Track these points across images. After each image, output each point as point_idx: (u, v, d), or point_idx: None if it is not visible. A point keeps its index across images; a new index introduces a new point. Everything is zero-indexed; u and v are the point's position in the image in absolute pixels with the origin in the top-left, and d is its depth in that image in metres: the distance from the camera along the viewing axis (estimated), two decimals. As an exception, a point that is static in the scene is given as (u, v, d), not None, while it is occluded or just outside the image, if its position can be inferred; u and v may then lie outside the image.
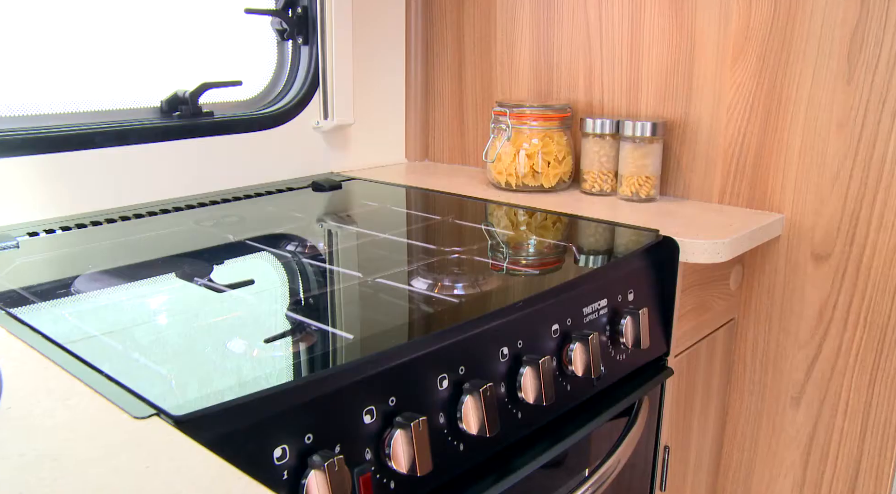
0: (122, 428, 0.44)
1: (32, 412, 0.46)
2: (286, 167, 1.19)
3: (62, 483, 0.38)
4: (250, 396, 0.49)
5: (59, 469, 0.39)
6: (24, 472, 0.39)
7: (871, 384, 0.96)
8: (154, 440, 0.43)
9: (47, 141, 0.93)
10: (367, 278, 0.74)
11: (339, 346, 0.58)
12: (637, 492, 0.92)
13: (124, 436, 0.43)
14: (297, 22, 1.18)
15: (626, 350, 0.81)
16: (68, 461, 0.40)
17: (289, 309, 0.66)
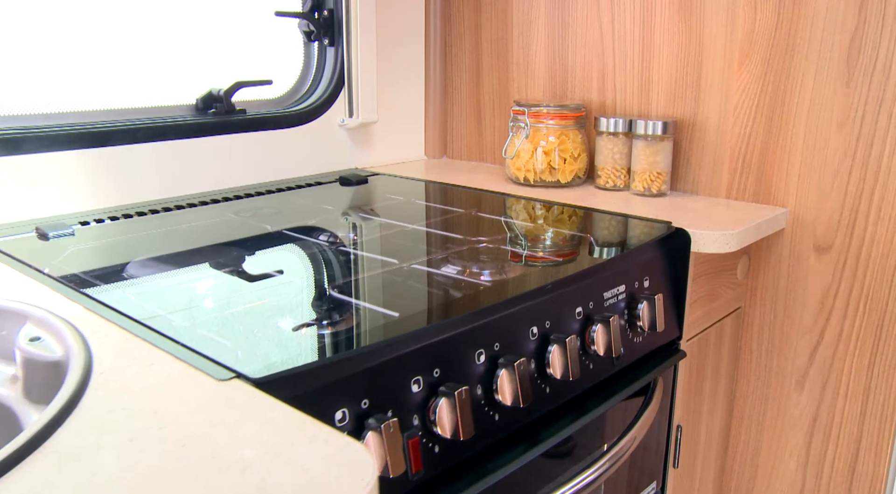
0: (206, 388, 0.49)
1: (124, 376, 0.51)
2: (313, 163, 1.25)
3: (168, 430, 0.44)
4: (315, 363, 0.54)
5: (160, 420, 0.45)
6: (131, 421, 0.45)
7: (870, 367, 1.01)
8: (238, 397, 0.48)
9: (95, 136, 0.98)
10: (402, 265, 0.80)
11: (387, 323, 0.63)
12: (651, 469, 0.97)
13: (210, 394, 0.49)
14: (323, 24, 1.24)
15: (642, 333, 0.87)
16: (167, 413, 0.46)
17: (335, 291, 0.71)
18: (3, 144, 0.90)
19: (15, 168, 0.92)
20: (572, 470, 0.82)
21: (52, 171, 0.95)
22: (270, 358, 0.55)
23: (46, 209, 0.95)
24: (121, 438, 0.43)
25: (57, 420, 0.45)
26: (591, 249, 0.86)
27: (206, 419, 0.45)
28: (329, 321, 0.64)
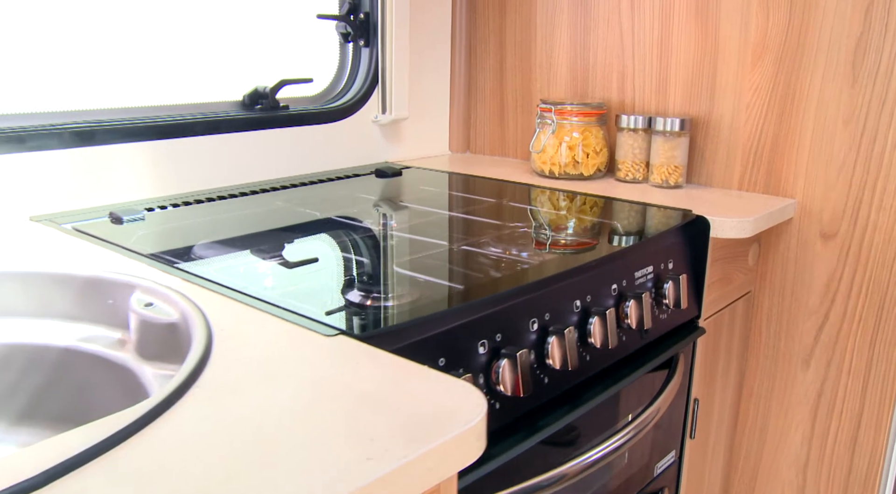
0: (317, 342, 0.57)
1: (242, 333, 0.59)
2: (348, 156, 1.32)
3: (297, 372, 0.52)
4: (404, 324, 0.62)
5: (287, 365, 0.53)
6: (262, 366, 0.53)
7: (871, 345, 1.10)
8: (348, 348, 0.56)
9: (159, 129, 1.06)
10: (452, 246, 0.88)
11: (453, 293, 0.71)
12: (671, 439, 1.06)
13: (323, 346, 0.56)
14: (359, 26, 1.31)
15: (667, 310, 0.95)
16: (291, 360, 0.54)
17: (398, 267, 0.79)
18: (78, 136, 0.98)
19: (89, 158, 0.99)
20: (605, 434, 0.90)
21: (121, 161, 1.02)
22: (355, 321, 0.63)
23: (116, 196, 1.02)
24: (258, 378, 0.51)
25: (198, 367, 0.52)
26: (621, 233, 0.94)
27: (327, 365, 0.53)
28: (396, 293, 0.71)
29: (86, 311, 0.73)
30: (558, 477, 0.80)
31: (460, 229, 0.96)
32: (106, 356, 0.68)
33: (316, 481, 0.39)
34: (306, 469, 0.40)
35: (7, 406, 0.72)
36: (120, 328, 0.71)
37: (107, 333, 0.71)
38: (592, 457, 0.83)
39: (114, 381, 0.67)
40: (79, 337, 0.71)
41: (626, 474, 0.97)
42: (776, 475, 1.23)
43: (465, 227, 0.97)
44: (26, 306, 0.73)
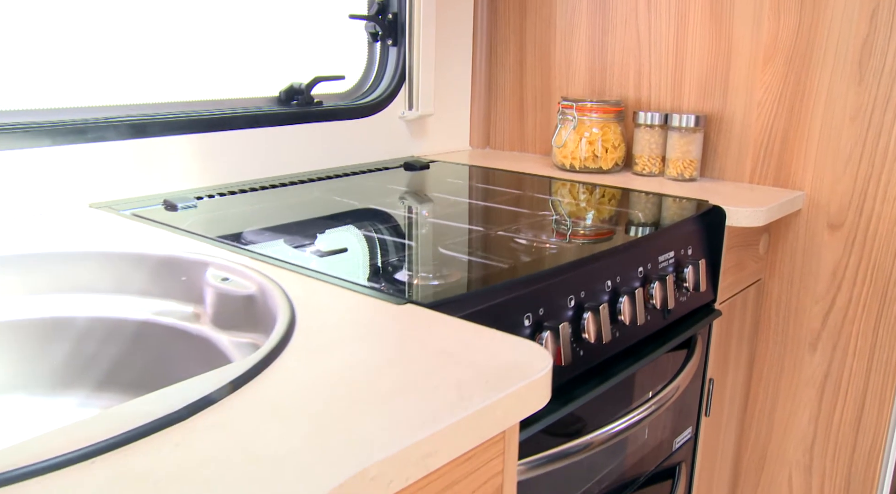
0: (390, 310, 0.64)
1: (320, 303, 0.65)
2: (377, 151, 1.39)
3: (378, 333, 0.58)
4: (461, 296, 0.69)
5: (368, 328, 0.59)
6: (345, 329, 0.59)
7: (875, 330, 1.17)
8: (420, 315, 0.62)
9: (203, 122, 1.12)
10: (489, 231, 0.94)
11: (497, 271, 0.78)
12: (688, 415, 1.12)
13: (397, 313, 0.63)
14: (388, 26, 1.38)
15: (687, 293, 1.02)
16: (370, 324, 0.60)
17: (443, 249, 0.86)
18: (133, 128, 1.04)
19: (143, 149, 1.05)
20: (629, 408, 0.96)
21: (171, 152, 1.08)
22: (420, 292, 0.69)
23: (167, 185, 1.09)
24: (343, 338, 0.57)
25: (289, 330, 0.59)
26: (644, 221, 1.00)
27: (404, 328, 0.59)
28: (441, 273, 0.78)
29: (160, 287, 0.79)
30: (585, 445, 0.86)
31: (491, 217, 1.02)
32: (182, 328, 0.75)
33: (414, 419, 0.45)
34: (404, 409, 0.46)
35: (89, 374, 0.78)
36: (193, 303, 0.77)
37: (180, 307, 0.77)
38: (617, 428, 0.89)
39: (190, 349, 0.74)
40: (154, 311, 0.77)
41: (649, 446, 1.04)
42: (784, 453, 1.30)
43: (496, 215, 1.03)
44: (105, 284, 0.79)
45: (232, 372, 0.50)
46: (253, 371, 0.50)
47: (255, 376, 0.50)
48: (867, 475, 1.21)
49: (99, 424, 0.43)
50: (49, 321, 0.77)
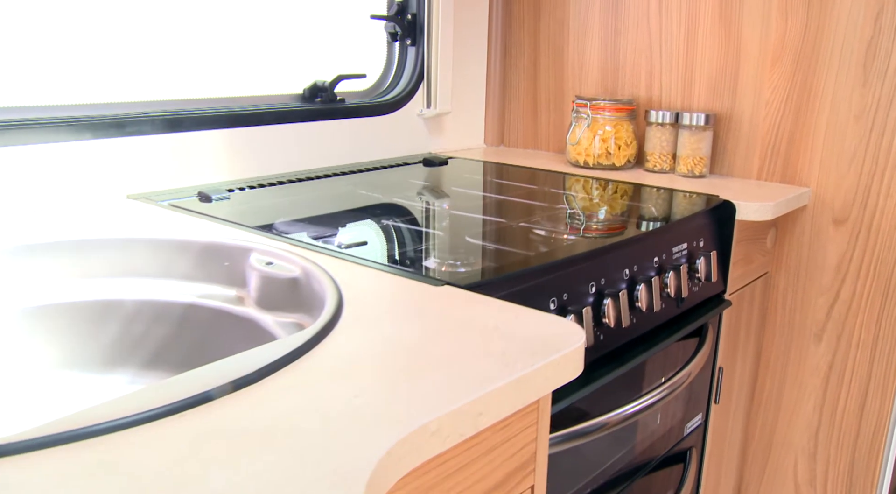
0: (428, 291, 0.68)
1: (361, 283, 0.70)
2: (396, 147, 1.43)
3: (421, 309, 0.62)
4: (494, 279, 0.73)
5: (410, 305, 0.63)
6: (388, 306, 0.63)
7: (878, 321, 1.21)
8: (458, 295, 0.67)
9: (232, 118, 1.16)
10: (511, 223, 0.98)
11: (524, 258, 0.82)
12: (699, 402, 1.17)
13: (435, 294, 0.67)
14: (407, 26, 1.42)
15: (699, 283, 1.06)
16: (410, 302, 0.64)
17: (469, 237, 0.90)
18: (168, 122, 1.08)
19: (177, 143, 1.09)
20: (643, 391, 1.01)
21: (203, 146, 1.13)
22: (455, 276, 0.74)
23: (199, 178, 1.13)
24: (390, 314, 0.61)
25: (338, 307, 0.63)
26: (658, 214, 1.05)
27: (445, 306, 0.64)
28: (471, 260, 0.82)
29: (203, 272, 0.83)
30: (601, 425, 0.90)
31: (510, 210, 1.07)
32: (227, 309, 0.79)
33: (466, 382, 0.49)
34: (456, 373, 0.51)
35: (137, 354, 0.82)
36: (236, 287, 0.81)
37: (224, 291, 0.82)
38: (633, 409, 0.94)
39: (235, 330, 0.78)
40: (199, 294, 0.82)
41: (662, 431, 1.08)
42: (790, 440, 1.34)
43: (514, 208, 1.08)
44: (151, 269, 0.84)
45: (295, 341, 0.54)
46: (313, 341, 0.55)
47: (315, 345, 0.55)
48: (869, 461, 1.26)
49: (182, 384, 0.47)
50: (100, 303, 0.81)
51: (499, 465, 0.58)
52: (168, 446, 0.41)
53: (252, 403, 0.46)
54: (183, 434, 0.42)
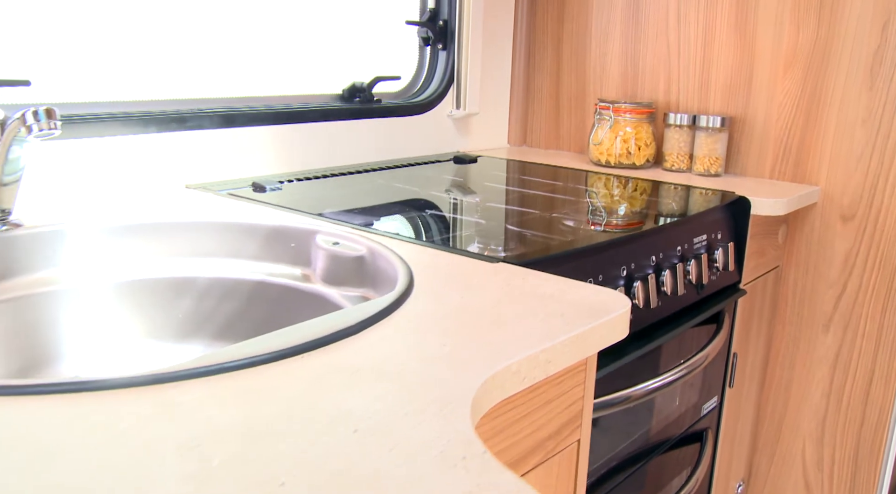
0: (486, 268, 0.76)
1: (424, 261, 0.78)
2: (427, 145, 1.51)
3: (482, 282, 0.70)
4: (542, 258, 0.81)
5: (469, 278, 0.71)
6: (453, 280, 0.71)
7: (883, 312, 1.29)
8: (511, 271, 0.75)
9: (280, 115, 1.24)
10: (543, 214, 1.06)
11: (559, 243, 0.90)
12: (714, 385, 1.25)
13: (493, 270, 0.75)
14: (439, 31, 1.51)
15: (717, 272, 1.14)
16: (472, 275, 0.72)
17: (510, 224, 0.98)
18: (224, 118, 1.16)
19: (230, 138, 1.17)
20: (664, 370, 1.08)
21: (253, 141, 1.21)
22: (506, 256, 0.82)
23: (250, 170, 1.21)
24: (457, 284, 0.69)
25: (411, 279, 0.71)
26: (680, 208, 1.13)
27: (505, 279, 0.72)
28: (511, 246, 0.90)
29: (270, 253, 0.91)
30: (624, 398, 0.98)
31: (540, 203, 1.15)
32: (294, 286, 0.87)
33: (536, 335, 0.57)
34: (527, 328, 0.58)
35: (208, 326, 0.90)
36: (301, 266, 0.89)
37: (290, 270, 0.90)
38: (657, 384, 1.01)
39: (303, 303, 0.86)
40: (266, 273, 0.89)
41: (681, 410, 1.16)
42: (798, 425, 1.42)
43: (544, 202, 1.16)
44: (221, 250, 0.92)
45: (382, 302, 0.62)
46: (396, 303, 0.63)
47: (398, 307, 0.63)
48: (874, 445, 1.34)
49: (298, 332, 0.55)
50: (176, 280, 0.89)
51: (553, 417, 0.66)
52: (296, 378, 0.49)
53: (357, 348, 0.54)
54: (306, 370, 0.50)
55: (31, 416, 0.43)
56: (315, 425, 0.43)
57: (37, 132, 0.72)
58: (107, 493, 0.36)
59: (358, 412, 0.44)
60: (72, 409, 0.44)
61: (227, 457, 0.39)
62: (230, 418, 0.43)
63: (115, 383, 0.46)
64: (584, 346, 0.60)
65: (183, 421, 0.42)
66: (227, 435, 0.41)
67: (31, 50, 1.00)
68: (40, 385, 0.46)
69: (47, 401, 0.44)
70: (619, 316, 0.63)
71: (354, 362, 0.51)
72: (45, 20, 1.00)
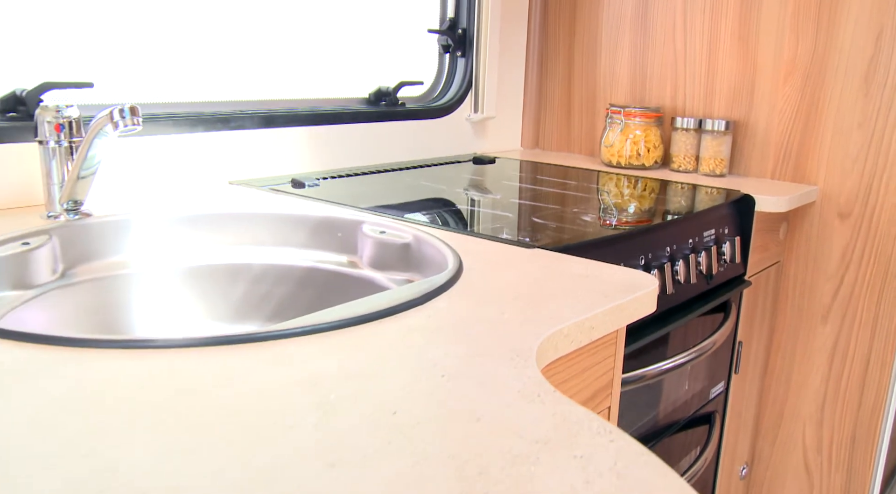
0: (522, 253, 0.84)
1: (467, 247, 0.86)
2: (447, 147, 1.59)
3: (516, 263, 0.78)
4: (571, 245, 0.89)
5: (509, 261, 0.79)
6: (492, 263, 0.79)
7: (878, 303, 1.38)
8: (546, 255, 0.83)
9: (313, 117, 1.32)
10: (563, 209, 1.15)
11: (582, 233, 0.98)
12: (721, 370, 1.33)
13: (528, 255, 0.83)
14: (458, 40, 1.59)
15: (724, 264, 1.23)
16: (511, 259, 0.80)
17: (535, 217, 1.06)
18: (264, 119, 1.24)
19: (269, 137, 1.25)
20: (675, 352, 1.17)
21: (290, 141, 1.29)
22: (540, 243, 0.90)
23: (287, 168, 1.29)
24: (500, 266, 0.77)
25: (459, 264, 0.79)
26: (690, 205, 1.21)
27: (543, 262, 0.80)
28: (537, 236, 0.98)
29: (318, 242, 0.99)
30: (639, 377, 1.06)
31: (559, 199, 1.23)
32: (342, 271, 0.95)
33: (581, 306, 0.65)
34: (572, 300, 0.67)
35: (262, 309, 0.98)
36: (347, 253, 0.97)
37: (337, 257, 0.97)
38: (667, 366, 1.10)
39: (351, 287, 0.94)
40: (315, 260, 0.97)
41: (690, 393, 1.24)
42: (799, 410, 1.50)
43: (561, 199, 1.24)
44: (272, 239, 0.99)
45: (439, 280, 0.70)
46: (451, 281, 0.71)
47: (453, 284, 0.71)
48: (870, 428, 1.42)
49: (372, 302, 0.63)
50: (231, 266, 0.97)
51: (589, 383, 0.74)
52: (382, 336, 0.57)
53: (427, 315, 0.62)
54: (389, 330, 0.58)
55: (186, 364, 0.50)
56: (408, 371, 0.50)
57: (122, 128, 0.80)
58: (257, 416, 0.43)
59: (441, 362, 0.52)
60: (210, 358, 0.51)
61: (343, 394, 0.47)
62: (335, 365, 0.51)
63: (240, 338, 0.54)
64: (621, 316, 0.68)
65: (299, 367, 0.50)
66: (337, 378, 0.49)
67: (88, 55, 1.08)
68: (194, 339, 0.53)
69: (194, 353, 0.52)
70: (648, 293, 0.72)
71: (428, 324, 0.59)
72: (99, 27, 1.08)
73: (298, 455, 0.39)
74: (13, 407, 0.44)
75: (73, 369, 0.49)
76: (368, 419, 0.43)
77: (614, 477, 0.38)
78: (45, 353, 0.52)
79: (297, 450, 0.40)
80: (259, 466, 0.38)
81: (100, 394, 0.46)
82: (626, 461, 0.39)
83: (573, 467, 0.39)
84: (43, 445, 0.39)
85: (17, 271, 0.81)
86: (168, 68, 1.16)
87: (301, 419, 0.43)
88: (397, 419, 0.44)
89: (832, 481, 1.49)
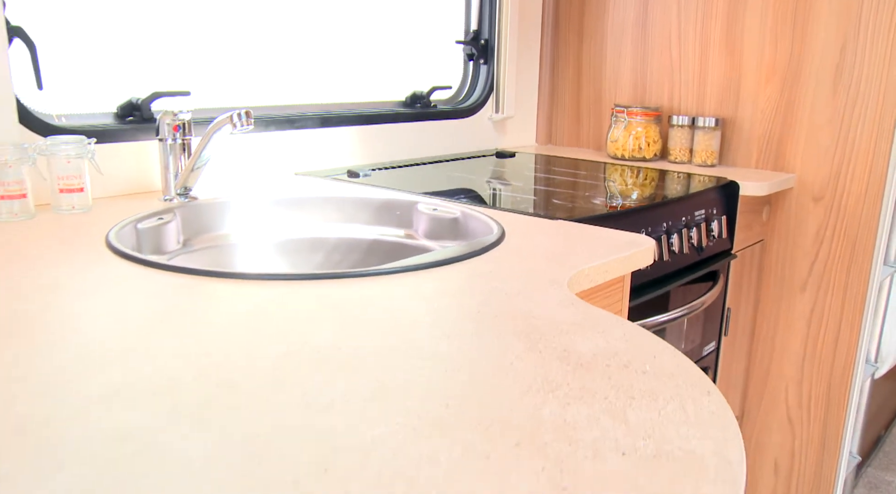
0: (550, 224, 1.07)
1: (505, 219, 1.08)
2: (471, 144, 1.82)
3: (546, 229, 1.01)
4: (588, 217, 1.12)
5: (540, 229, 1.02)
6: (528, 231, 1.02)
7: (847, 273, 1.60)
8: (569, 225, 1.05)
9: (361, 118, 1.55)
10: (577, 193, 1.37)
11: (593, 209, 1.21)
12: (712, 332, 1.55)
13: (555, 226, 1.06)
14: (480, 49, 1.82)
15: (713, 239, 1.45)
16: (541, 228, 1.03)
17: (554, 199, 1.29)
18: (321, 120, 1.47)
19: (325, 135, 1.48)
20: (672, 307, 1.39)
21: (342, 138, 1.52)
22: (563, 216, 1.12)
23: (340, 162, 1.52)
24: (533, 233, 1.00)
25: (502, 231, 1.01)
26: (685, 188, 1.44)
27: (566, 230, 1.02)
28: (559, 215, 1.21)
29: (380, 219, 1.21)
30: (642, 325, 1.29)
31: (573, 185, 1.46)
32: (402, 242, 1.18)
33: (598, 256, 0.88)
34: (591, 252, 0.89)
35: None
36: (404, 228, 1.20)
37: (396, 231, 1.20)
38: (664, 318, 1.32)
39: (410, 254, 1.16)
40: (378, 234, 1.20)
41: (687, 348, 1.46)
42: (781, 370, 1.73)
43: (576, 185, 1.46)
44: (342, 217, 1.22)
45: (489, 239, 0.93)
46: (497, 241, 0.93)
47: (499, 243, 0.93)
48: (842, 383, 1.64)
49: (445, 252, 0.86)
50: (311, 239, 1.20)
51: (602, 320, 0.97)
52: (458, 273, 0.79)
53: (484, 261, 0.84)
54: (459, 272, 0.81)
55: (329, 289, 0.73)
56: (479, 293, 0.73)
57: (239, 128, 1.02)
58: (390, 313, 0.66)
59: (504, 289, 0.75)
60: (347, 286, 0.74)
61: (442, 304, 0.70)
62: (433, 288, 0.74)
63: (362, 273, 0.77)
64: (627, 264, 0.91)
65: (411, 289, 0.73)
66: (436, 296, 0.72)
67: (178, 67, 1.31)
68: (351, 273, 0.76)
69: (341, 283, 0.75)
70: (647, 248, 0.94)
71: (486, 269, 0.82)
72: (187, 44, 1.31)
73: (426, 334, 0.62)
74: (230, 314, 0.66)
75: (244, 292, 0.72)
76: (463, 316, 0.66)
77: (623, 341, 0.61)
78: (223, 284, 0.75)
79: (422, 332, 0.63)
80: (403, 339, 0.61)
81: (272, 308, 0.69)
82: (630, 333, 0.62)
83: (597, 335, 0.62)
84: (263, 329, 0.62)
85: (156, 240, 1.04)
86: (243, 77, 1.39)
87: (420, 316, 0.66)
88: (480, 316, 0.66)
89: (811, 431, 1.71)
